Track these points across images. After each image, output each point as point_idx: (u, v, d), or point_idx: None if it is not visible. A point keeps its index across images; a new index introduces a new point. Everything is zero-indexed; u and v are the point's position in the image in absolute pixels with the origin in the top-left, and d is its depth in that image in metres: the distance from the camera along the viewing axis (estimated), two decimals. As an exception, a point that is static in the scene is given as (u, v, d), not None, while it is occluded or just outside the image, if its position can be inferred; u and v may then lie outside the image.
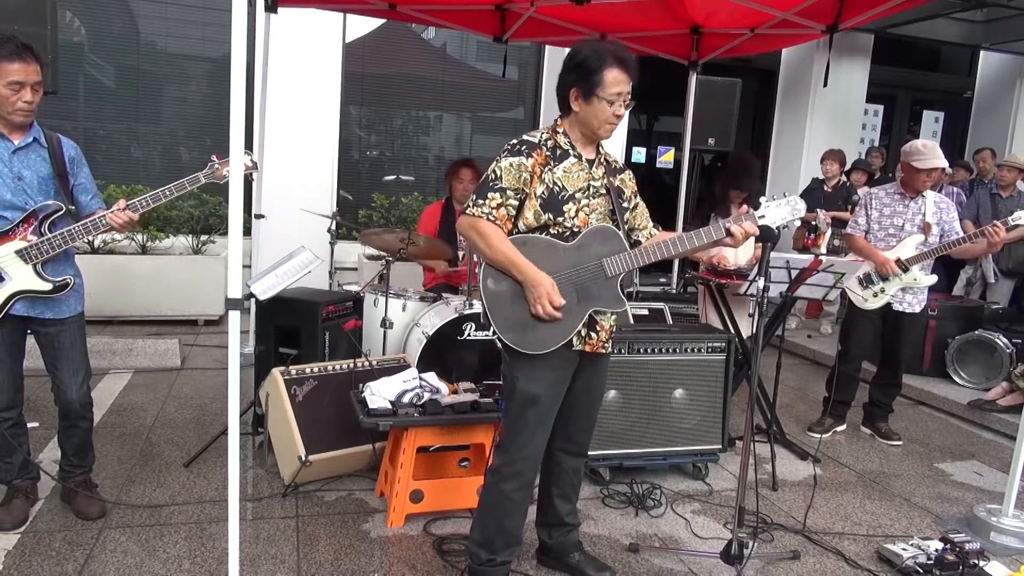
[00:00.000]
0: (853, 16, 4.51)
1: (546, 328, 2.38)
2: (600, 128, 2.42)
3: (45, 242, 2.72)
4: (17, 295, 2.72)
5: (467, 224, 2.40)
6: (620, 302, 2.49)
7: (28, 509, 2.97)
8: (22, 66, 2.62)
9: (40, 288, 2.75)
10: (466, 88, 8.12)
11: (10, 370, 2.84)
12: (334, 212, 5.30)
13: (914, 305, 4.27)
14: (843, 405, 4.59)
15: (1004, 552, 3.18)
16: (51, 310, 2.82)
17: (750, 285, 3.74)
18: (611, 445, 3.53)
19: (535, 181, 2.38)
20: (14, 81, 2.62)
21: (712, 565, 2.90)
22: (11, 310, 2.73)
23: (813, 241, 6.98)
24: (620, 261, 2.44)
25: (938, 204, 4.22)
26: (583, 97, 2.38)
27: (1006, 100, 9.48)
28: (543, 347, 2.39)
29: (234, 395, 2.34)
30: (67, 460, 3.05)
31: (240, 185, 2.37)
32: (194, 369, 5.20)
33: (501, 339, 2.39)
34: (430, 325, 4.03)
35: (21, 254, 2.70)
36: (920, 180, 4.15)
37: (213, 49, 7.23)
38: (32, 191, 2.75)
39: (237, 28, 2.30)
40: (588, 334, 2.47)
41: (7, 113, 2.66)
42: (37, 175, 2.77)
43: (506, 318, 2.38)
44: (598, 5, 4.63)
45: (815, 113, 8.64)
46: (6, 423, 2.87)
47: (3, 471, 2.94)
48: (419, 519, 3.12)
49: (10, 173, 2.71)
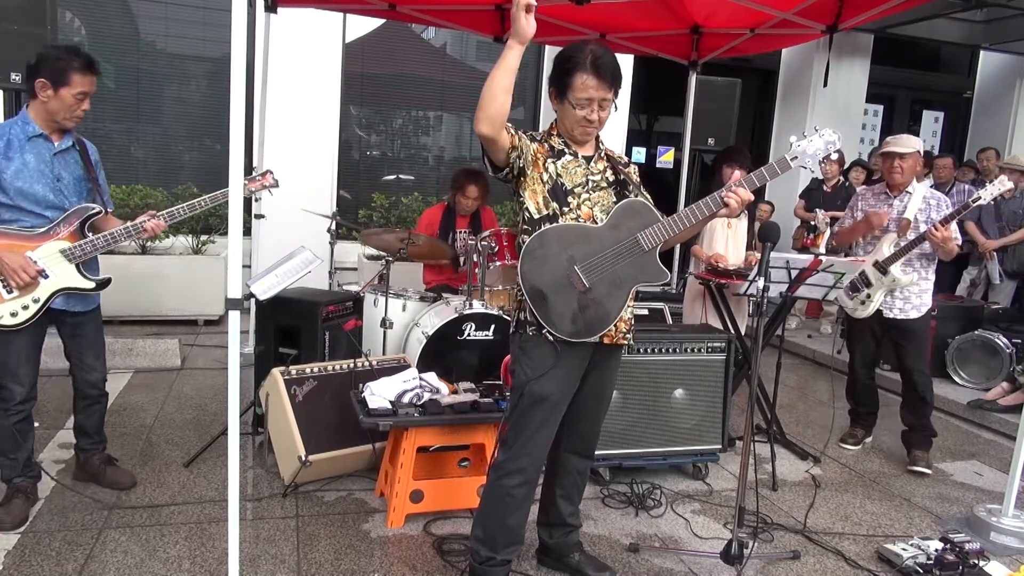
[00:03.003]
0: (853, 16, 4.51)
1: (592, 313, 2.38)
2: (573, 130, 2.44)
3: (88, 243, 2.90)
4: (60, 292, 2.89)
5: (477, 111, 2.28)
6: (662, 274, 2.48)
7: (28, 509, 2.98)
8: (91, 79, 2.87)
9: (84, 286, 2.94)
10: (466, 88, 8.11)
11: (34, 363, 2.96)
12: (334, 212, 5.30)
13: (907, 311, 4.01)
14: (869, 415, 4.40)
15: (1004, 552, 3.18)
16: (82, 303, 3.02)
17: (750, 285, 3.73)
18: (611, 445, 3.53)
19: (539, 167, 2.41)
20: (82, 92, 2.85)
21: (712, 565, 2.90)
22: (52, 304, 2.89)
23: (812, 241, 6.99)
24: (655, 233, 2.43)
25: (927, 200, 3.97)
26: (557, 97, 2.41)
27: (1006, 100, 9.48)
28: (591, 333, 2.40)
29: (234, 395, 2.34)
30: (88, 439, 3.24)
31: (240, 185, 2.38)
32: (194, 369, 5.20)
33: (550, 332, 2.36)
34: (430, 325, 4.04)
35: (65, 253, 2.87)
36: (888, 170, 4.00)
37: (213, 49, 7.22)
38: (68, 192, 2.92)
39: (237, 28, 2.30)
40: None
41: (63, 119, 2.86)
42: (73, 176, 2.95)
43: (551, 309, 2.36)
44: (598, 5, 4.63)
45: (815, 113, 8.64)
46: (19, 416, 2.93)
47: (7, 467, 2.98)
48: (419, 519, 3.12)
49: (51, 174, 2.87)
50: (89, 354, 3.12)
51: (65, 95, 2.81)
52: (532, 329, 2.41)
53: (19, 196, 2.78)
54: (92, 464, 3.26)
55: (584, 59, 2.31)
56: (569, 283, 2.37)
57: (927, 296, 4.05)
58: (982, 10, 8.50)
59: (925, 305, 4.05)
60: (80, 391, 3.15)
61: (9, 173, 2.77)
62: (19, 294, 2.79)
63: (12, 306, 2.79)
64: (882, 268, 3.96)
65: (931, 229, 3.75)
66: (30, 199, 2.81)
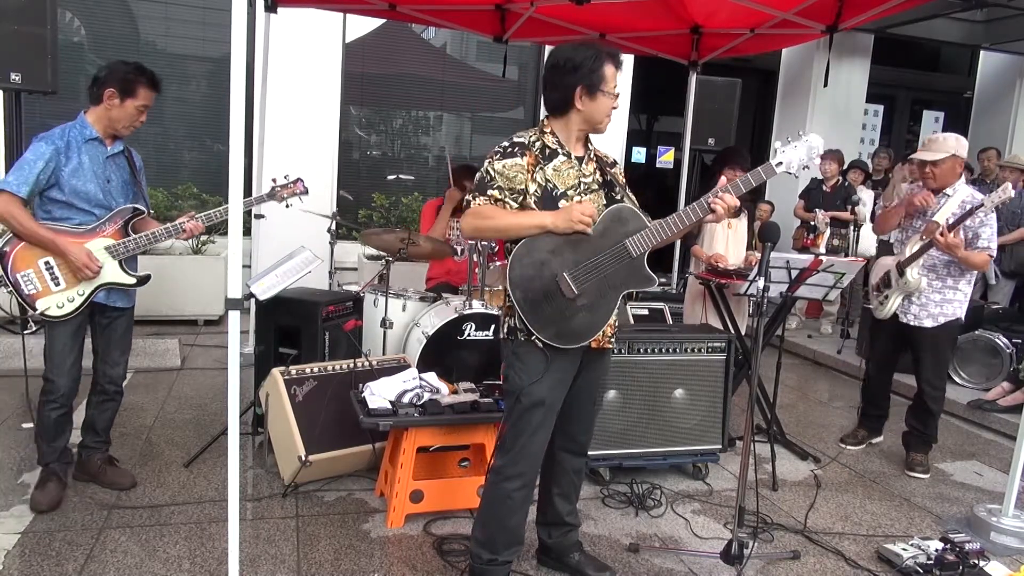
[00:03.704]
0: (853, 16, 4.51)
1: (583, 318, 2.39)
2: (602, 122, 2.48)
3: (131, 241, 3.07)
4: (104, 286, 3.05)
5: (471, 215, 2.40)
6: (650, 280, 2.49)
7: (62, 492, 3.12)
8: (153, 94, 3.07)
9: (126, 281, 3.11)
10: (466, 88, 8.12)
11: (76, 357, 3.08)
12: (334, 212, 5.29)
13: (922, 319, 3.85)
14: (876, 418, 4.32)
15: (1004, 552, 3.18)
16: (122, 299, 3.18)
17: (750, 285, 3.73)
18: (611, 445, 3.53)
19: (529, 180, 2.40)
20: (144, 105, 3.05)
21: (712, 565, 2.90)
22: (95, 298, 3.04)
23: (812, 241, 6.99)
24: (643, 239, 2.44)
25: (965, 204, 3.74)
26: (588, 95, 2.41)
27: (1006, 100, 9.48)
28: (581, 339, 2.41)
29: (234, 395, 2.34)
30: (94, 437, 3.30)
31: (240, 185, 2.37)
32: (194, 369, 5.20)
33: (539, 338, 2.38)
34: (430, 325, 4.03)
35: (110, 250, 3.03)
36: (921, 177, 3.89)
37: (213, 49, 7.23)
38: (116, 193, 3.10)
39: (237, 28, 2.31)
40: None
41: (122, 127, 3.05)
42: (121, 179, 3.13)
43: (541, 317, 2.38)
44: (598, 5, 4.63)
45: (815, 113, 8.65)
46: (61, 409, 3.07)
47: (47, 453, 3.13)
48: (419, 519, 3.12)
49: (103, 175, 3.05)
50: (116, 350, 3.24)
51: (129, 106, 3.01)
52: (523, 335, 2.42)
53: (73, 194, 2.96)
54: (92, 464, 3.28)
55: (602, 53, 2.40)
56: (558, 290, 2.37)
57: (950, 307, 3.84)
58: (982, 10, 8.50)
59: (945, 316, 3.84)
60: (99, 385, 3.25)
61: (67, 171, 2.94)
62: (66, 286, 2.96)
63: (58, 298, 2.96)
64: (900, 269, 3.88)
65: (936, 234, 3.65)
66: (83, 197, 2.98)
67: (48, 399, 3.04)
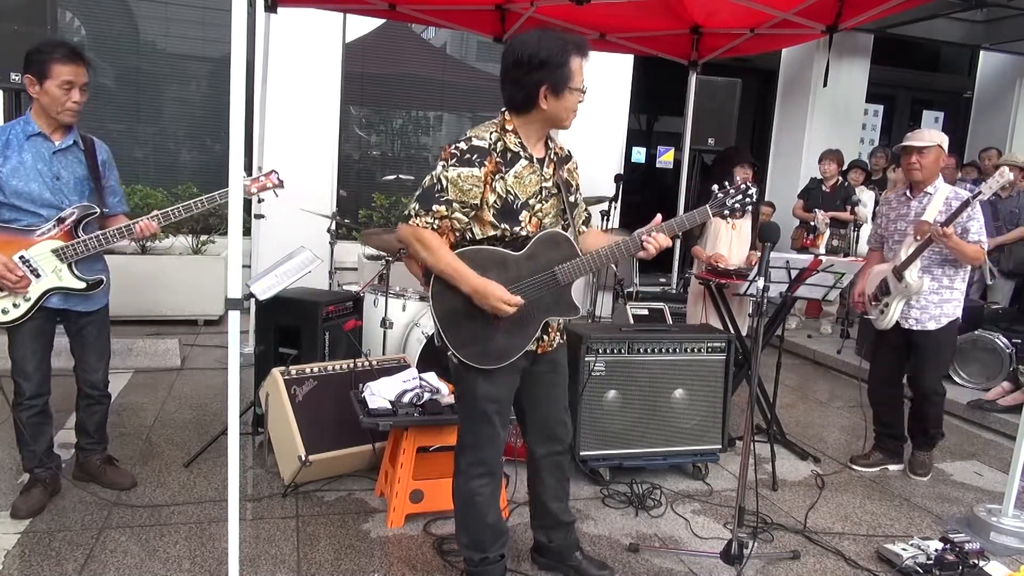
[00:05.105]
0: (853, 16, 4.52)
1: (502, 340, 2.35)
2: (567, 119, 2.34)
3: (80, 243, 2.89)
4: (52, 291, 2.90)
5: (409, 233, 2.28)
6: (574, 309, 2.46)
7: (46, 500, 3.06)
8: (74, 67, 2.82)
9: (75, 286, 2.94)
10: (466, 88, 8.12)
11: (40, 359, 2.99)
12: (334, 212, 5.30)
13: (924, 321, 3.74)
14: (891, 439, 4.06)
15: (1004, 552, 3.18)
16: (83, 304, 3.02)
17: (750, 285, 3.73)
18: (611, 445, 3.54)
19: (487, 191, 2.28)
20: (66, 81, 2.80)
21: (712, 565, 2.90)
22: (46, 303, 2.90)
23: (812, 241, 6.98)
24: (572, 269, 2.38)
25: (950, 201, 3.64)
26: (553, 93, 2.25)
27: (1006, 100, 9.48)
28: (500, 361, 2.36)
29: (234, 395, 2.34)
30: (88, 439, 3.26)
31: (240, 185, 2.38)
32: (194, 369, 5.20)
33: (456, 356, 2.34)
34: (430, 325, 4.03)
35: (57, 253, 2.87)
36: (906, 168, 3.73)
37: (213, 49, 7.23)
38: (68, 191, 2.91)
39: (237, 28, 2.30)
40: (540, 336, 2.45)
41: (56, 113, 2.84)
42: (74, 176, 2.94)
43: (461, 334, 2.34)
44: (598, 5, 4.64)
45: (815, 113, 8.64)
46: (32, 410, 3.00)
47: (27, 458, 3.06)
48: (419, 519, 3.12)
49: (50, 173, 2.88)
50: (91, 355, 3.14)
51: (50, 87, 2.80)
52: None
53: (15, 195, 2.80)
54: (92, 464, 3.27)
55: (568, 44, 2.23)
56: (479, 310, 2.30)
57: (948, 307, 3.75)
58: (982, 10, 8.50)
59: (946, 316, 3.75)
60: (82, 390, 3.19)
61: (5, 171, 2.79)
62: (8, 293, 2.82)
63: (3, 304, 2.84)
64: (898, 274, 3.72)
65: (935, 230, 3.56)
66: (25, 198, 2.82)
67: (18, 401, 2.97)
